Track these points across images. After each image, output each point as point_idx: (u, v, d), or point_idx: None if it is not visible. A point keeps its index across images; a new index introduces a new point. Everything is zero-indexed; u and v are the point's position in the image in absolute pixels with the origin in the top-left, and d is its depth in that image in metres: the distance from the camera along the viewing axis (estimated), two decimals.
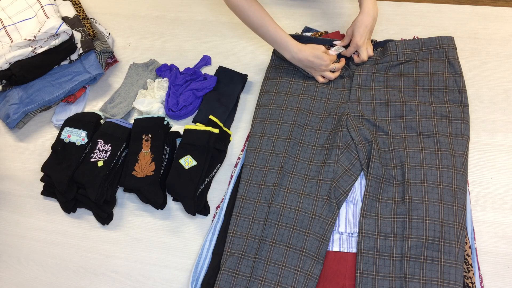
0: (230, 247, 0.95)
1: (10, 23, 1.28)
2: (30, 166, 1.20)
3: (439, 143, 0.98)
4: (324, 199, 0.97)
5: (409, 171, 0.96)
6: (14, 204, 1.15)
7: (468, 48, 1.20)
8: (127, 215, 1.09)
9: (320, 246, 0.92)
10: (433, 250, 0.87)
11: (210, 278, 0.94)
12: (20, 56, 1.20)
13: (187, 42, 1.36)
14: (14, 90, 1.26)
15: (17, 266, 1.06)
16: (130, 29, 1.43)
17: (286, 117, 1.08)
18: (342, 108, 1.08)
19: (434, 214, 0.90)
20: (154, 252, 1.03)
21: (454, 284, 0.84)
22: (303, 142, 1.05)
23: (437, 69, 1.08)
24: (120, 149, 1.11)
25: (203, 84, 1.21)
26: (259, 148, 1.06)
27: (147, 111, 1.19)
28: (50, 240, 1.09)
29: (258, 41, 1.32)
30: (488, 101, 1.12)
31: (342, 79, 1.13)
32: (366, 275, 0.89)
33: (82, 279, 1.03)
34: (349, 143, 1.02)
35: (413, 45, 1.13)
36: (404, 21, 1.28)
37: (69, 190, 1.07)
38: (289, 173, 1.01)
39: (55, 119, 1.25)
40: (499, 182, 1.01)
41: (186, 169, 1.05)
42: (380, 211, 0.94)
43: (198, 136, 1.08)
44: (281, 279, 0.90)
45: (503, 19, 1.25)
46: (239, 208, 0.99)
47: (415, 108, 1.04)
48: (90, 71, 1.26)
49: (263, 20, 1.05)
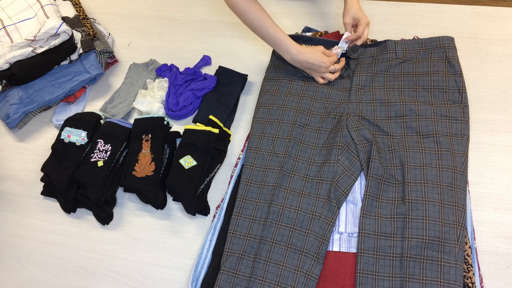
0: (230, 247, 0.95)
1: (10, 23, 1.28)
2: (30, 166, 1.20)
3: (439, 143, 0.98)
4: (324, 199, 0.97)
5: (409, 171, 0.96)
6: (14, 204, 1.15)
7: (468, 48, 1.20)
8: (127, 215, 1.09)
9: (320, 246, 0.92)
10: (433, 250, 0.87)
11: (210, 278, 0.94)
12: (20, 56, 1.20)
13: (187, 42, 1.36)
14: (14, 90, 1.26)
15: (17, 266, 1.06)
16: (130, 29, 1.43)
17: (286, 117, 1.08)
18: (342, 108, 1.08)
19: (434, 214, 0.90)
20: (154, 252, 1.03)
21: (454, 284, 0.84)
22: (303, 142, 1.05)
23: (437, 69, 1.08)
24: (120, 149, 1.11)
25: (203, 84, 1.21)
26: (259, 148, 1.06)
27: (147, 111, 1.19)
28: (50, 240, 1.09)
29: (258, 41, 1.32)
30: (488, 101, 1.12)
31: (342, 79, 1.13)
32: (366, 275, 0.89)
33: (82, 279, 1.03)
34: (349, 143, 1.02)
35: (413, 45, 1.13)
36: (404, 21, 1.28)
37: (69, 190, 1.07)
38: (289, 173, 1.01)
39: (55, 119, 1.25)
40: (499, 182, 1.01)
41: (186, 169, 1.05)
42: (380, 211, 0.94)
43: (198, 136, 1.08)
44: (281, 279, 0.90)
45: (503, 19, 1.25)
46: (239, 208, 0.99)
47: (415, 108, 1.04)
48: (90, 71, 1.26)
49: (263, 21, 1.05)
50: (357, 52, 1.13)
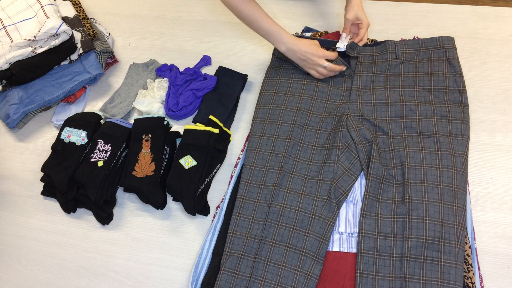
0: (230, 247, 0.95)
1: (10, 23, 1.28)
2: (30, 166, 1.20)
3: (439, 143, 0.98)
4: (324, 199, 0.97)
5: (409, 171, 0.96)
6: (14, 204, 1.15)
7: (468, 48, 1.20)
8: (127, 215, 1.09)
9: (320, 246, 0.92)
10: (433, 250, 0.87)
11: (210, 278, 0.94)
12: (20, 56, 1.20)
13: (187, 42, 1.36)
14: (14, 90, 1.26)
15: (17, 266, 1.06)
16: (130, 29, 1.43)
17: (286, 117, 1.08)
18: (342, 108, 1.08)
19: (434, 214, 0.90)
20: (154, 252, 1.03)
21: (454, 284, 0.84)
22: (303, 142, 1.05)
23: (437, 69, 1.08)
24: (120, 149, 1.11)
25: (203, 84, 1.21)
26: (259, 148, 1.06)
27: (147, 111, 1.19)
28: (50, 240, 1.09)
29: (258, 41, 1.32)
30: (488, 101, 1.12)
31: (343, 77, 1.13)
32: (366, 275, 0.89)
33: (82, 279, 1.03)
34: (349, 143, 1.02)
35: (413, 45, 1.13)
36: (404, 21, 1.28)
37: (69, 190, 1.07)
38: (289, 173, 1.01)
39: (55, 119, 1.25)
40: (499, 182, 1.01)
41: (186, 169, 1.05)
42: (380, 211, 0.94)
43: (198, 136, 1.08)
44: (281, 279, 0.90)
45: (503, 19, 1.25)
46: (239, 208, 0.99)
47: (415, 108, 1.04)
48: (90, 71, 1.26)
49: (256, 14, 1.06)
50: (356, 50, 1.13)
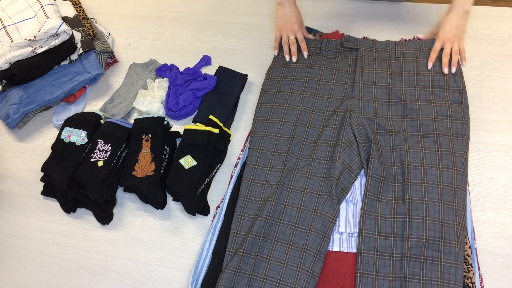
0: (234, 247, 0.95)
1: (10, 23, 1.28)
2: (30, 166, 1.20)
3: (440, 143, 0.98)
4: (325, 196, 0.97)
5: (409, 171, 0.96)
6: (14, 204, 1.15)
7: (468, 48, 1.20)
8: (127, 215, 1.09)
9: (322, 244, 0.92)
10: (433, 250, 0.87)
11: (210, 278, 0.94)
12: (20, 56, 1.20)
13: (187, 42, 1.36)
14: (14, 90, 1.26)
15: (17, 266, 1.06)
16: (130, 29, 1.43)
17: (288, 116, 1.08)
18: (345, 105, 1.07)
19: (434, 214, 0.90)
20: (154, 252, 1.03)
21: (454, 284, 0.84)
22: (306, 140, 1.05)
23: (437, 69, 1.08)
24: (120, 149, 1.11)
25: (203, 84, 1.21)
26: (261, 147, 1.05)
27: (147, 111, 1.19)
28: (50, 240, 1.09)
29: (258, 40, 1.32)
30: (488, 101, 1.12)
31: (346, 60, 1.13)
32: (366, 275, 0.89)
33: (82, 279, 1.03)
34: (351, 140, 1.02)
35: (413, 46, 1.13)
36: (404, 21, 1.28)
37: (69, 190, 1.07)
38: (292, 171, 1.01)
39: (55, 119, 1.25)
40: (499, 182, 1.01)
41: (186, 169, 1.05)
42: (380, 211, 0.94)
43: (198, 136, 1.08)
44: (283, 277, 0.90)
45: (503, 19, 1.25)
46: (243, 207, 0.99)
47: (416, 108, 1.04)
48: (90, 71, 1.26)
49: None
50: (355, 42, 1.14)
